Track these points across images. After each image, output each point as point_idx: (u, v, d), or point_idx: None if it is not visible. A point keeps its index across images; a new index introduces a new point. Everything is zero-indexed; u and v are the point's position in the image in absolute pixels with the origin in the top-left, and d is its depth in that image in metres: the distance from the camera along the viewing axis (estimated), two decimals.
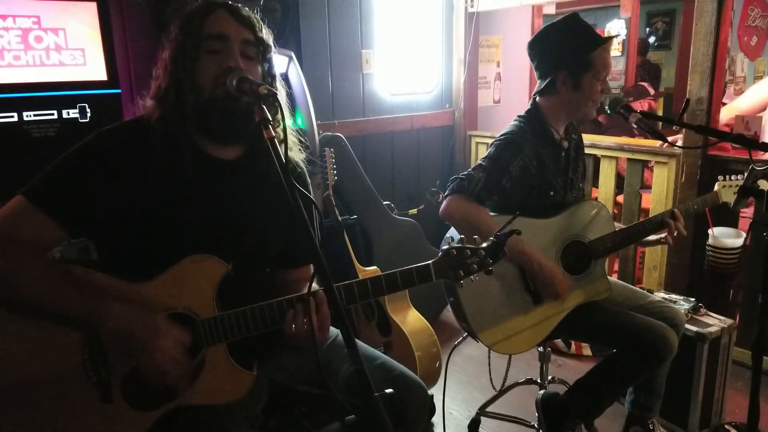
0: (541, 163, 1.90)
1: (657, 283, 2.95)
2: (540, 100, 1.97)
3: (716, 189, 2.02)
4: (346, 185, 2.95)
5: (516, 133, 1.92)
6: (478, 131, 3.94)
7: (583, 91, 1.89)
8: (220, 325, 1.22)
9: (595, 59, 1.87)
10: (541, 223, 1.89)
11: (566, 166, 2.00)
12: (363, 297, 1.29)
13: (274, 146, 1.07)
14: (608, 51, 1.90)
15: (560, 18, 1.94)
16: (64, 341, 1.18)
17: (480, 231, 1.77)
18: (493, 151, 1.89)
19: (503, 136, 1.93)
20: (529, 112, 1.98)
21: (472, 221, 1.79)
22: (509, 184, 1.85)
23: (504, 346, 1.84)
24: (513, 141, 1.89)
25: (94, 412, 1.19)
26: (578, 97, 1.90)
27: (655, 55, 7.27)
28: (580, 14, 1.95)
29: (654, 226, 1.95)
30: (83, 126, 2.36)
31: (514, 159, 1.85)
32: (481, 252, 1.31)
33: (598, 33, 1.95)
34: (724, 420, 2.31)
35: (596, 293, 1.93)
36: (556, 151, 1.96)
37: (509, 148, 1.87)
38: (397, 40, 3.62)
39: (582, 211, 1.95)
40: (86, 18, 2.31)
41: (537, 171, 1.89)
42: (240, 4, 1.31)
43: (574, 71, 1.88)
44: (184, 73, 1.25)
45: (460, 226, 1.84)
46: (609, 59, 1.91)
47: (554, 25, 1.94)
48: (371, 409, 0.96)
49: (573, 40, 1.90)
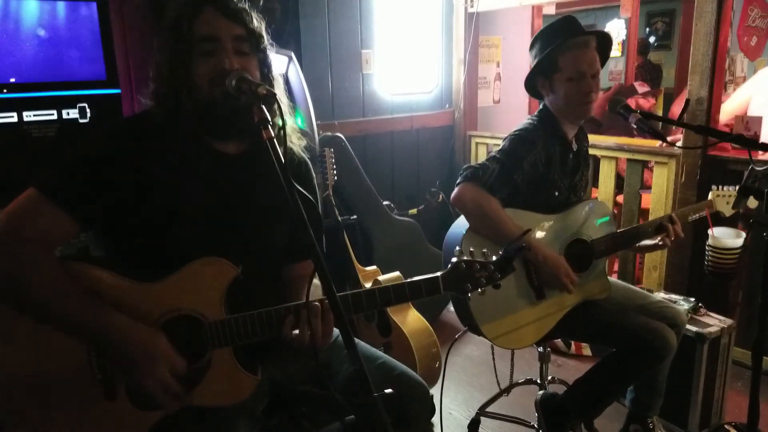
0: (549, 161, 1.90)
1: (657, 283, 2.95)
2: (545, 101, 1.98)
3: (710, 198, 2.08)
4: (346, 185, 2.95)
5: (530, 130, 1.91)
6: (478, 131, 3.94)
7: (558, 94, 1.89)
8: (227, 328, 1.22)
9: (559, 60, 1.86)
10: (546, 219, 1.90)
11: (573, 169, 2.00)
12: (370, 307, 1.29)
13: (273, 146, 1.07)
14: (578, 49, 1.85)
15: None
16: (70, 339, 1.17)
17: (491, 221, 1.79)
18: (508, 145, 1.89)
19: (517, 131, 1.93)
20: (542, 111, 1.98)
21: (484, 209, 1.79)
22: (520, 179, 1.85)
23: (506, 340, 1.84)
24: (527, 137, 1.89)
25: (99, 410, 1.19)
26: (557, 100, 1.91)
27: (654, 55, 7.26)
28: (577, 14, 1.95)
29: (653, 228, 1.95)
30: (83, 126, 2.36)
31: (527, 154, 1.85)
32: (491, 266, 1.29)
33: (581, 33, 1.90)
34: (724, 420, 2.31)
35: (596, 292, 1.94)
36: (565, 152, 1.96)
37: (523, 143, 1.87)
38: (396, 40, 3.62)
39: (585, 210, 1.95)
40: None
41: (544, 169, 1.89)
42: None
43: (546, 74, 1.91)
44: (179, 79, 1.25)
45: (471, 215, 1.83)
46: (581, 58, 1.85)
47: (542, 28, 1.97)
48: (371, 409, 0.96)
49: (544, 42, 1.91)
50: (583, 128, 2.06)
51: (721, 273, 2.57)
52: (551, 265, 1.80)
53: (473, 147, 3.91)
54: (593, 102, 1.89)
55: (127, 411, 1.20)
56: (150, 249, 1.26)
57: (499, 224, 1.78)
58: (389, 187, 3.67)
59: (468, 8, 3.75)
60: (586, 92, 1.85)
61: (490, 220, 1.79)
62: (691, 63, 2.72)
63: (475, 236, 1.81)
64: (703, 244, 2.62)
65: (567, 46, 1.85)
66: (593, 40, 1.89)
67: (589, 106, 1.89)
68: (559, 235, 1.91)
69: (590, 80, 1.86)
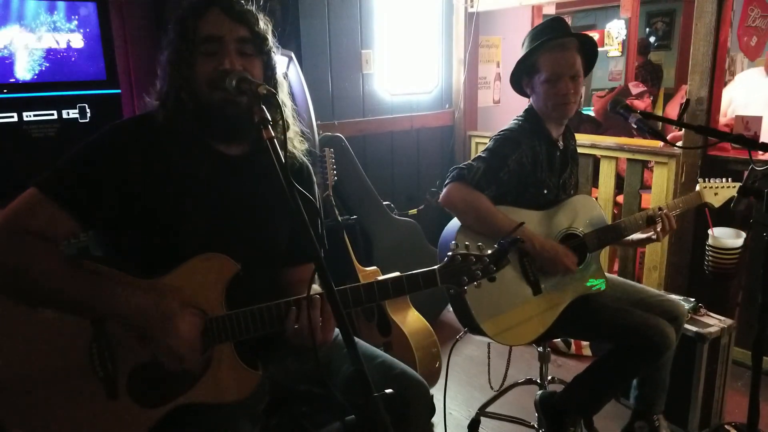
0: (536, 160, 1.92)
1: (657, 283, 2.95)
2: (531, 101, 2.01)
3: (698, 189, 2.10)
4: (346, 185, 2.95)
5: (515, 129, 1.95)
6: (478, 131, 3.94)
7: (539, 95, 1.92)
8: (229, 323, 1.22)
9: (539, 62, 1.89)
10: (537, 215, 1.91)
11: (561, 167, 2.01)
12: (369, 300, 1.29)
13: (273, 146, 1.07)
14: (557, 51, 1.86)
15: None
16: (72, 336, 1.18)
17: (483, 217, 1.80)
18: (492, 144, 1.92)
19: (502, 132, 1.96)
20: (527, 111, 2.00)
21: (474, 205, 1.81)
22: (506, 177, 1.86)
23: (506, 336, 1.85)
24: (511, 137, 1.92)
25: (100, 408, 1.19)
26: (538, 100, 1.94)
27: (654, 55, 7.26)
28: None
29: (644, 220, 1.96)
30: (83, 126, 2.37)
31: (512, 153, 1.87)
32: (486, 259, 1.31)
33: (566, 35, 1.91)
34: (724, 420, 2.31)
35: (593, 285, 1.94)
36: (551, 150, 1.98)
37: (508, 143, 1.90)
38: (396, 40, 3.62)
39: (574, 205, 1.98)
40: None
41: (531, 167, 1.91)
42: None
43: (529, 75, 1.94)
44: (181, 78, 1.25)
45: (462, 213, 1.85)
46: (559, 60, 1.85)
47: (530, 30, 1.98)
48: (371, 409, 0.96)
49: (526, 44, 1.95)
50: (569, 127, 2.07)
51: (721, 273, 2.57)
52: (549, 251, 1.81)
53: (473, 147, 3.91)
54: (572, 103, 1.89)
55: (128, 409, 1.20)
56: (150, 249, 1.27)
57: (492, 218, 1.80)
58: (389, 187, 3.67)
59: (468, 8, 3.75)
60: (563, 94, 1.86)
61: (481, 215, 1.81)
62: (691, 63, 2.72)
63: (469, 232, 1.83)
64: (703, 245, 2.63)
65: (546, 47, 1.87)
66: (573, 41, 1.89)
67: (567, 107, 1.89)
68: (551, 230, 1.92)
69: (568, 82, 1.86)
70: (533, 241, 1.81)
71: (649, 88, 5.42)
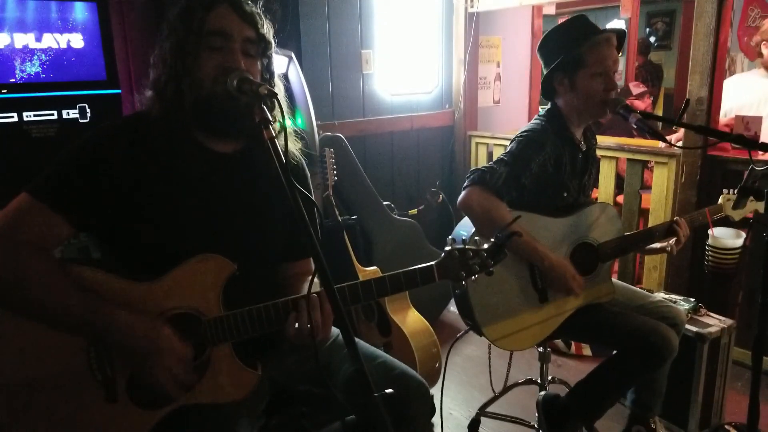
0: (559, 163, 1.88)
1: (657, 283, 2.95)
2: (557, 101, 1.95)
3: (720, 202, 2.04)
4: (346, 185, 2.95)
5: (538, 131, 1.89)
6: (478, 131, 3.94)
7: (580, 90, 1.86)
8: (226, 324, 1.22)
9: (585, 55, 1.84)
10: (553, 222, 1.88)
11: (582, 169, 1.99)
12: (367, 297, 1.30)
13: (274, 146, 1.07)
14: (603, 46, 1.84)
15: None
16: (70, 340, 1.17)
17: (498, 226, 1.77)
18: (515, 147, 1.87)
19: (525, 133, 1.90)
20: (550, 111, 1.96)
21: (492, 215, 1.76)
22: (528, 182, 1.83)
23: (507, 342, 1.84)
24: (535, 138, 1.86)
25: (99, 411, 1.19)
26: (577, 97, 1.88)
27: (654, 55, 7.26)
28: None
29: (662, 233, 1.94)
30: (83, 126, 2.37)
31: (536, 156, 1.83)
32: (483, 253, 1.32)
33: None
34: (724, 420, 2.31)
35: (601, 295, 1.93)
36: (574, 153, 1.94)
37: (531, 145, 1.85)
38: (396, 41, 3.62)
39: (592, 214, 1.94)
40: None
41: (554, 170, 1.87)
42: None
43: (568, 70, 1.87)
44: (183, 68, 1.24)
45: (479, 219, 1.81)
46: (607, 54, 1.84)
47: (555, 27, 1.94)
48: (371, 409, 0.96)
49: (565, 40, 1.89)
50: (591, 127, 2.04)
51: (721, 273, 2.58)
52: (558, 271, 1.80)
53: (473, 147, 3.91)
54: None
55: (128, 412, 1.20)
56: (146, 250, 1.26)
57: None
58: (389, 187, 3.67)
59: (468, 8, 3.75)
60: (610, 88, 1.83)
61: (497, 227, 1.78)
62: (691, 63, 2.72)
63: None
64: (703, 245, 2.63)
65: (593, 42, 1.83)
66: (615, 37, 1.88)
67: (607, 105, 1.85)
68: (567, 238, 1.90)
69: (613, 77, 1.85)
70: (544, 259, 1.79)
71: (650, 88, 5.42)
